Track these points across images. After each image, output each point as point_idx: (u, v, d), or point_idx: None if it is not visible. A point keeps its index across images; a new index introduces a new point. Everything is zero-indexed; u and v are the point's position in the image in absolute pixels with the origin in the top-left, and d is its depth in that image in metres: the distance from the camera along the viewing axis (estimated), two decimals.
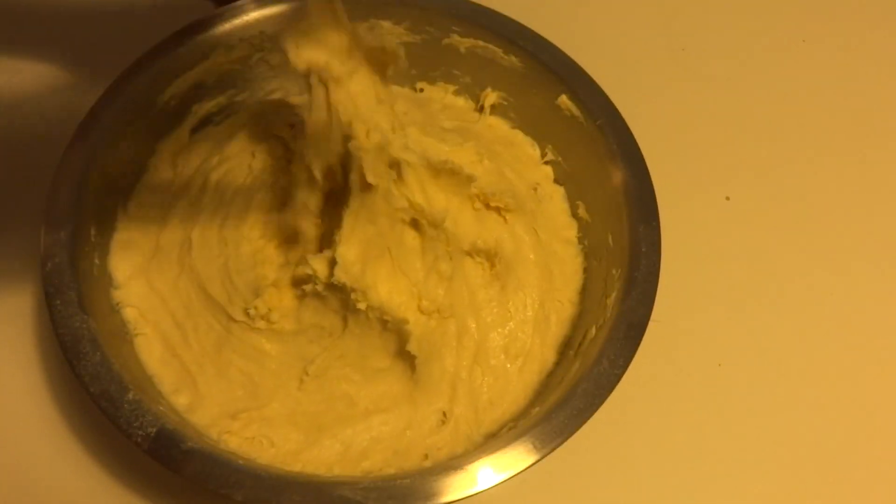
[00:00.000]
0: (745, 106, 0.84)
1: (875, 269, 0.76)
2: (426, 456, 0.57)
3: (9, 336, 0.66)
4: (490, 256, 0.62)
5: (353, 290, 0.56)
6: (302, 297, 0.59)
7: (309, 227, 0.58)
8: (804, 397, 0.69)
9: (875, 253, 0.77)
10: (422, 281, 0.60)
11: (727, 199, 0.77)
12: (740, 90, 0.85)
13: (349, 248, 0.56)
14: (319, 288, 0.58)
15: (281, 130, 0.65)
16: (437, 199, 0.62)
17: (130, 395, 0.51)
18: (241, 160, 0.64)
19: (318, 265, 0.57)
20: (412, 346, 0.57)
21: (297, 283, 0.60)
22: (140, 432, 0.50)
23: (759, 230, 0.76)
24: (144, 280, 0.61)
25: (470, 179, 0.62)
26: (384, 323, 0.58)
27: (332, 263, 0.56)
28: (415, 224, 0.60)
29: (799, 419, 0.68)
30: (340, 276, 0.56)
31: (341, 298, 0.58)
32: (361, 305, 0.57)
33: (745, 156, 0.81)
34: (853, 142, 0.83)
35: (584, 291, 0.65)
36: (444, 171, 0.61)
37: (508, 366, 0.60)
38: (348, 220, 0.56)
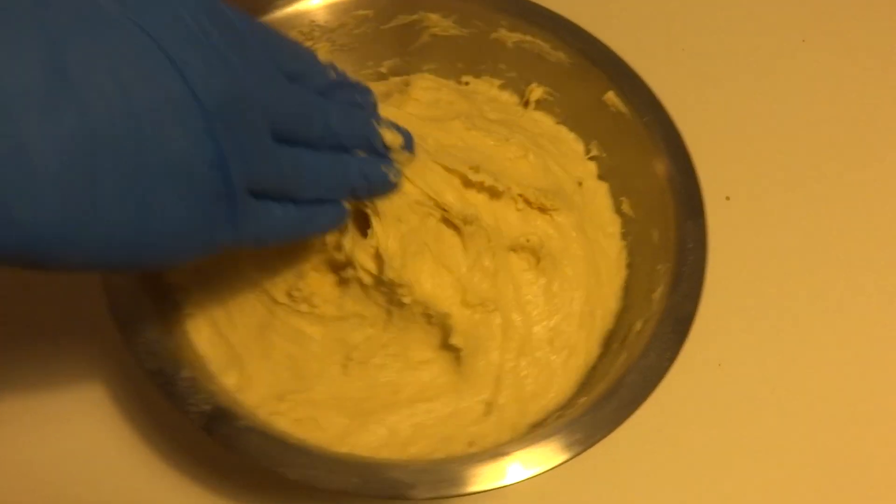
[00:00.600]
0: (744, 106, 0.84)
1: (874, 269, 0.76)
2: (471, 443, 0.57)
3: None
4: (534, 252, 0.62)
5: (400, 285, 0.57)
6: (342, 283, 0.60)
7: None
8: (805, 397, 0.69)
9: (874, 253, 0.77)
10: (465, 275, 0.60)
11: (727, 199, 0.77)
12: (740, 90, 0.85)
13: (387, 241, 0.57)
14: (367, 281, 0.58)
15: None
16: (471, 199, 0.62)
17: (185, 373, 0.52)
18: None
19: (363, 257, 0.57)
20: (457, 340, 0.57)
21: (335, 267, 0.60)
22: (195, 409, 0.51)
23: (759, 230, 0.77)
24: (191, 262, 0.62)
25: (503, 192, 0.62)
26: (428, 317, 0.58)
27: (377, 256, 0.57)
28: (451, 222, 0.60)
29: (800, 419, 0.68)
30: (389, 272, 0.56)
31: (386, 293, 0.58)
32: (407, 300, 0.57)
33: (745, 156, 0.81)
34: (854, 141, 0.83)
35: (627, 287, 0.65)
36: (475, 184, 0.62)
37: (553, 357, 0.60)
38: (374, 221, 0.57)
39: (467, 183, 0.62)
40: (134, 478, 0.61)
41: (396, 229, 0.57)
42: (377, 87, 0.71)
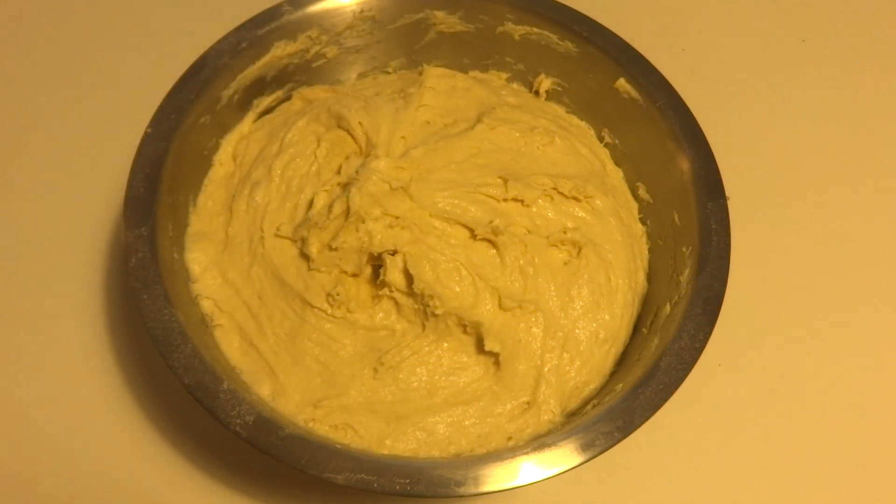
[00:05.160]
0: (744, 105, 0.85)
1: (873, 269, 0.76)
2: (510, 438, 0.57)
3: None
4: (575, 243, 0.62)
5: (431, 296, 0.57)
6: (376, 298, 0.60)
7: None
8: (805, 397, 0.70)
9: (873, 253, 0.77)
10: (501, 281, 0.60)
11: (727, 198, 0.77)
12: (740, 90, 0.86)
13: (415, 264, 0.57)
14: (398, 297, 0.59)
15: (351, 120, 0.65)
16: (502, 207, 0.62)
17: (225, 385, 0.52)
18: (304, 147, 0.65)
19: (394, 274, 0.58)
20: (492, 345, 0.57)
21: (374, 279, 0.61)
22: (238, 421, 0.50)
23: (759, 230, 0.77)
24: (218, 271, 0.62)
25: (534, 197, 0.62)
26: (463, 327, 0.58)
27: (405, 272, 0.58)
28: (483, 237, 0.61)
29: (799, 419, 0.69)
30: (419, 285, 0.57)
31: (415, 308, 0.59)
32: (439, 311, 0.57)
33: (745, 155, 0.81)
34: (853, 140, 0.84)
35: (650, 270, 0.66)
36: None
37: (596, 349, 0.60)
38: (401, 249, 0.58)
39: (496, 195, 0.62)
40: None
41: (416, 248, 0.58)
42: (388, 84, 0.72)
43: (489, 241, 0.60)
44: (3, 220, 0.72)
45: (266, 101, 0.69)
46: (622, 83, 0.67)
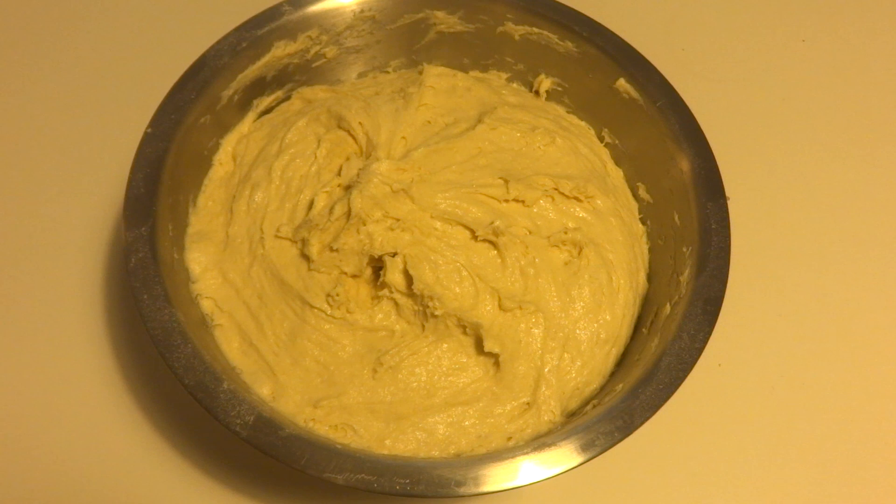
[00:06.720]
0: (744, 106, 0.85)
1: (872, 269, 0.76)
2: (510, 438, 0.57)
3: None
4: (576, 243, 0.62)
5: (431, 297, 0.57)
6: (376, 299, 0.60)
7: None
8: (805, 397, 0.70)
9: (873, 252, 0.77)
10: (502, 282, 0.60)
11: (727, 198, 0.77)
12: (740, 90, 0.86)
13: (415, 266, 0.58)
14: (400, 302, 0.59)
15: (351, 121, 0.65)
16: (503, 208, 0.62)
17: (225, 385, 0.52)
18: (304, 147, 0.65)
19: (394, 275, 0.58)
20: (491, 346, 0.57)
21: (374, 280, 0.61)
22: (238, 421, 0.50)
23: (759, 230, 0.77)
24: (218, 271, 0.62)
25: (535, 196, 0.62)
26: (463, 328, 0.58)
27: (405, 273, 0.58)
28: (484, 238, 0.61)
29: (799, 419, 0.69)
30: (418, 285, 0.57)
31: (415, 309, 0.59)
32: (439, 312, 0.57)
33: (745, 155, 0.81)
34: (853, 140, 0.84)
35: (651, 270, 0.66)
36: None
37: (597, 350, 0.60)
38: (401, 251, 0.58)
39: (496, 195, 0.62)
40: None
41: (417, 249, 0.58)
42: (388, 84, 0.71)
43: (490, 241, 0.61)
44: (3, 220, 0.72)
45: (266, 101, 0.69)
46: (622, 83, 0.67)
